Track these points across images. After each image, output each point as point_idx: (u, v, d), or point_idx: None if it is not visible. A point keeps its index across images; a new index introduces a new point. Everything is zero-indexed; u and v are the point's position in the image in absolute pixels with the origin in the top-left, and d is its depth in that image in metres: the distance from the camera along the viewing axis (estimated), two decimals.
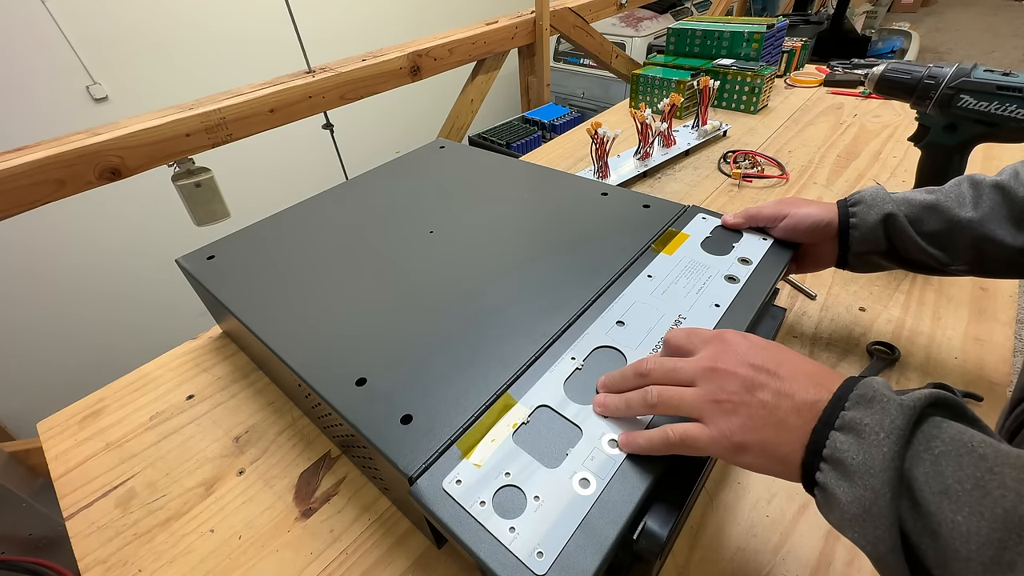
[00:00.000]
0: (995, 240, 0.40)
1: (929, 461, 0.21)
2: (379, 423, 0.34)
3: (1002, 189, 0.41)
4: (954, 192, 0.42)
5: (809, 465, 0.25)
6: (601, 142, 0.81)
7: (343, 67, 1.08)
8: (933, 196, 0.42)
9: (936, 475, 0.21)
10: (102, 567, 0.40)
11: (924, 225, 0.42)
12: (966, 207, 0.41)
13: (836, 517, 0.24)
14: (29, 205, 0.79)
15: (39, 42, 1.42)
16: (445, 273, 0.48)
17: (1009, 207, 0.40)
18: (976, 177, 0.43)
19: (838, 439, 0.24)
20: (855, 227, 0.43)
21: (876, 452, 0.22)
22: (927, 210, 0.42)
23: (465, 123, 1.42)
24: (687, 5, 2.64)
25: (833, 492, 0.23)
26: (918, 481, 0.21)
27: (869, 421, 0.23)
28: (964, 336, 0.53)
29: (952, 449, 0.21)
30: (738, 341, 0.31)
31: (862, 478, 0.22)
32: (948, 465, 0.21)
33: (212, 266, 0.52)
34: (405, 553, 0.39)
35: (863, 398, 0.24)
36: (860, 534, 0.22)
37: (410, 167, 0.69)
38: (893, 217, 0.42)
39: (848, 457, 0.23)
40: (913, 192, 0.44)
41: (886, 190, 0.44)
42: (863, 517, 0.22)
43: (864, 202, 0.43)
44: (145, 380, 0.57)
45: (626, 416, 0.33)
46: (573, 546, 0.27)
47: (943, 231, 0.41)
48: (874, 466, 0.22)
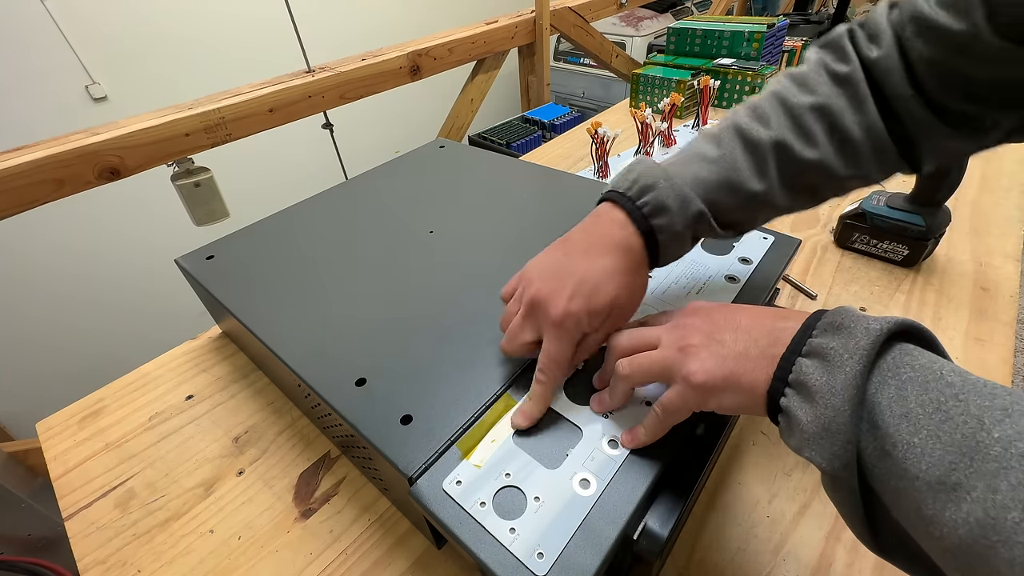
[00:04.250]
0: (776, 206, 0.36)
1: (895, 386, 0.21)
2: (379, 423, 0.34)
3: (782, 149, 0.34)
4: (736, 159, 0.35)
5: (775, 392, 0.25)
6: (601, 142, 0.81)
7: (343, 67, 1.08)
8: (718, 165, 0.35)
9: (900, 399, 0.21)
10: (101, 567, 0.40)
11: (720, 208, 0.35)
12: (752, 178, 0.34)
13: (796, 439, 0.23)
14: (28, 205, 0.79)
15: (38, 42, 1.42)
16: (445, 273, 0.48)
17: (787, 171, 0.34)
18: (746, 132, 0.35)
19: (804, 364, 0.24)
20: (666, 243, 0.34)
21: (839, 373, 0.22)
22: (720, 189, 0.35)
23: (465, 123, 1.42)
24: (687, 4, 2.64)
25: (795, 414, 0.23)
26: (881, 405, 0.21)
27: (835, 345, 0.23)
28: (965, 336, 0.53)
29: (920, 375, 0.21)
30: (700, 303, 0.32)
31: (823, 397, 0.22)
32: (913, 390, 0.21)
33: (211, 266, 0.52)
34: (405, 553, 0.39)
35: (831, 325, 0.24)
36: (817, 451, 0.22)
37: (410, 167, 0.69)
38: (700, 217, 0.34)
39: (812, 380, 0.23)
40: (692, 158, 0.36)
41: (665, 170, 0.35)
42: (821, 435, 0.22)
43: (665, 208, 0.33)
44: (144, 380, 0.57)
45: (620, 404, 0.33)
46: (573, 547, 0.27)
47: (738, 210, 0.35)
48: (835, 386, 0.22)
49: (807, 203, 0.37)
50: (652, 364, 0.30)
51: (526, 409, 0.33)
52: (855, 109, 0.32)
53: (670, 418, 0.29)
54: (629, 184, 0.35)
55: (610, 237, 0.34)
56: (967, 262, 0.63)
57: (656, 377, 0.30)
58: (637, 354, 0.31)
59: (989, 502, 0.17)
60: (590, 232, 0.35)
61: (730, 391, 0.26)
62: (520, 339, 0.34)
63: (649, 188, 0.34)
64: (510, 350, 0.36)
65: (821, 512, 0.39)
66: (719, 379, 0.27)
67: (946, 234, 0.64)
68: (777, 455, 0.44)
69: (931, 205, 0.59)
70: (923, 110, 0.30)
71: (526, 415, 0.33)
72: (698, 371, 0.27)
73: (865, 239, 0.64)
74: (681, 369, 0.28)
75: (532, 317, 0.34)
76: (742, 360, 0.26)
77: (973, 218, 0.70)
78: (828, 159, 0.33)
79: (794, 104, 0.34)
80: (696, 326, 0.30)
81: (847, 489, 0.22)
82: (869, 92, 0.32)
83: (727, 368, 0.27)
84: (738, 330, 0.28)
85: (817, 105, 0.33)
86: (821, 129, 0.33)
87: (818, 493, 0.41)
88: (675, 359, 0.29)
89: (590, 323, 0.33)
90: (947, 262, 0.63)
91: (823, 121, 0.33)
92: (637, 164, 0.36)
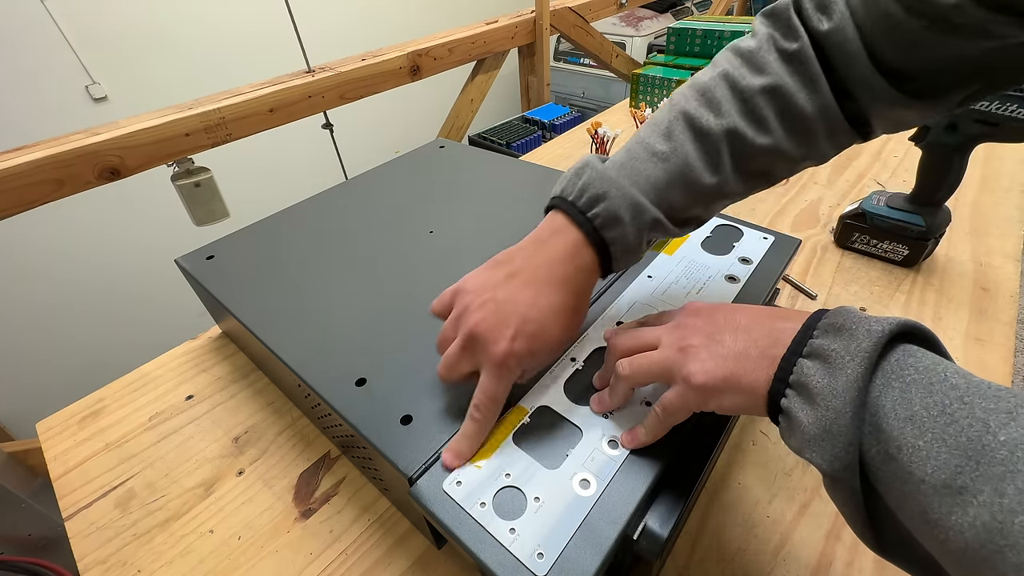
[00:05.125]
0: (730, 197, 0.35)
1: (899, 389, 0.21)
2: (379, 423, 0.34)
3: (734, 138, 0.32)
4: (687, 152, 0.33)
5: (775, 393, 0.25)
6: (601, 142, 0.81)
7: (343, 67, 1.08)
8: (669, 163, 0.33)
9: (904, 402, 0.21)
10: (101, 567, 0.40)
11: (673, 206, 0.33)
12: (704, 171, 0.33)
13: (797, 441, 0.23)
14: (28, 205, 0.79)
15: (39, 42, 1.42)
16: (445, 273, 0.48)
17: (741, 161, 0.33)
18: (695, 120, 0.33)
19: (805, 365, 0.24)
20: (620, 254, 0.33)
21: (840, 375, 0.22)
22: (672, 187, 0.33)
23: (465, 123, 1.42)
24: (687, 4, 2.64)
25: (796, 416, 0.23)
26: (885, 408, 0.21)
27: (837, 347, 0.23)
28: (965, 336, 0.53)
29: (923, 378, 0.21)
30: (700, 304, 0.32)
31: (825, 399, 0.22)
32: (917, 393, 0.20)
33: (211, 266, 0.52)
34: (405, 553, 0.39)
35: (832, 326, 0.24)
36: (818, 453, 0.22)
37: (410, 167, 0.69)
38: (656, 224, 0.33)
39: (813, 382, 0.23)
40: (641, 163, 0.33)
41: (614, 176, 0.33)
42: (823, 436, 0.22)
43: (618, 220, 0.32)
44: (144, 380, 0.57)
45: (619, 404, 0.33)
46: (573, 547, 0.27)
47: (692, 205, 0.34)
48: (837, 388, 0.22)
49: (760, 188, 0.36)
50: (652, 365, 0.30)
51: (458, 447, 0.31)
52: (808, 89, 0.31)
53: (670, 418, 0.29)
54: (578, 192, 0.33)
55: (559, 263, 0.32)
56: (967, 262, 0.63)
57: (656, 378, 0.30)
58: (637, 355, 0.31)
59: (996, 506, 0.17)
60: (537, 256, 0.33)
61: (730, 392, 0.26)
62: (458, 370, 0.33)
63: (600, 198, 0.32)
64: (447, 379, 0.34)
65: (821, 512, 0.39)
66: (719, 380, 0.26)
67: (946, 234, 0.64)
68: (777, 455, 0.44)
69: (931, 205, 0.59)
70: (879, 80, 0.29)
71: (458, 454, 0.31)
72: (698, 372, 0.27)
73: (865, 239, 0.64)
74: (681, 370, 0.28)
75: (471, 351, 0.32)
76: (742, 360, 0.26)
77: (973, 218, 0.70)
78: (781, 144, 0.32)
79: (744, 87, 0.32)
80: (696, 326, 0.30)
81: (848, 491, 0.22)
82: (820, 70, 0.30)
83: (727, 369, 0.26)
84: (738, 330, 0.28)
85: (768, 87, 0.32)
86: (773, 113, 0.32)
87: (818, 493, 0.41)
88: (675, 360, 0.29)
89: (530, 363, 0.32)
90: (947, 262, 0.63)
91: (775, 104, 0.32)
92: (585, 168, 0.34)
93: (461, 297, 0.34)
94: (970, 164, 0.57)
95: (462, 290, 0.34)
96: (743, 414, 0.27)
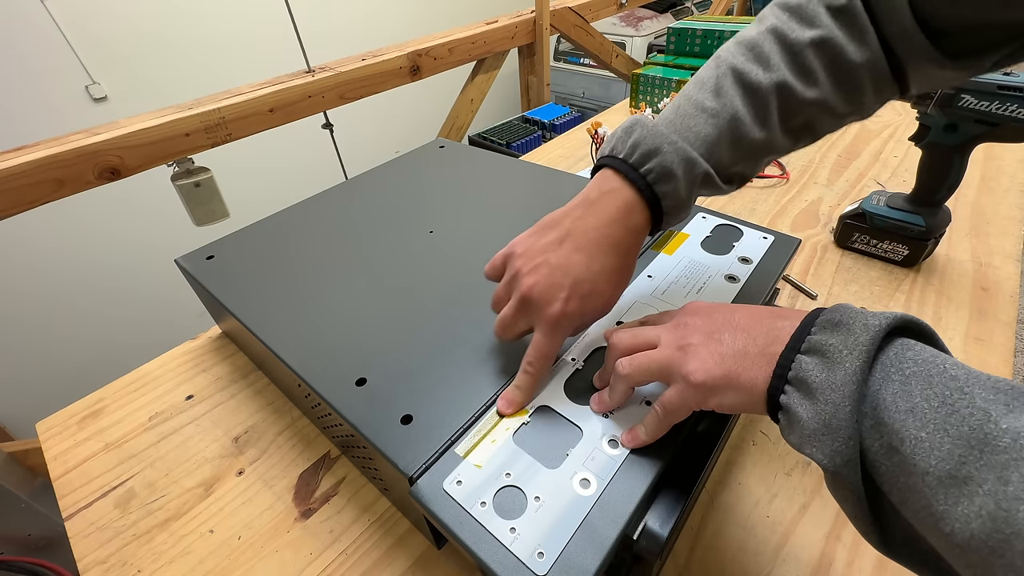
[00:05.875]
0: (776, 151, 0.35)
1: (899, 382, 0.21)
2: (379, 423, 0.34)
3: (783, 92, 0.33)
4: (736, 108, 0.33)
5: (774, 390, 0.25)
6: (601, 142, 0.81)
7: (343, 67, 1.08)
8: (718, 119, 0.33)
9: (904, 394, 0.21)
10: (101, 567, 0.40)
11: (722, 161, 0.34)
12: (753, 127, 0.33)
13: (797, 437, 0.23)
14: (28, 205, 0.79)
15: (38, 42, 1.42)
16: (445, 273, 0.48)
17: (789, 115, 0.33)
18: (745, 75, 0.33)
19: (803, 361, 0.24)
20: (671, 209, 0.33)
21: (839, 369, 0.22)
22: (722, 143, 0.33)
23: (465, 123, 1.42)
24: (687, 4, 2.64)
25: (795, 412, 0.23)
26: (886, 401, 0.21)
27: (834, 342, 0.23)
28: (965, 336, 0.53)
29: (923, 370, 0.21)
30: (699, 303, 0.32)
31: (824, 394, 0.22)
32: (917, 385, 0.20)
33: (211, 266, 0.52)
34: (405, 553, 0.39)
35: (830, 322, 0.24)
36: (818, 448, 0.22)
37: (410, 167, 0.69)
38: (706, 178, 0.33)
39: (812, 377, 0.23)
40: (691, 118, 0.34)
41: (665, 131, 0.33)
42: (822, 431, 0.22)
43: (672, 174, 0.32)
44: (144, 380, 0.57)
45: (619, 403, 0.33)
46: (574, 546, 0.27)
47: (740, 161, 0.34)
48: (836, 382, 0.22)
49: (805, 143, 0.36)
50: (652, 363, 0.30)
51: (512, 396, 0.34)
52: (857, 42, 0.31)
53: (670, 417, 0.29)
54: (630, 149, 0.33)
55: (610, 226, 0.33)
56: (967, 262, 0.63)
57: (656, 376, 0.30)
58: (637, 353, 0.31)
59: (1000, 494, 0.17)
60: (587, 218, 0.34)
61: (730, 390, 0.26)
62: (514, 330, 0.35)
63: (653, 153, 0.32)
64: (502, 336, 0.36)
65: (821, 512, 0.39)
66: (718, 378, 0.27)
67: (946, 234, 0.64)
68: (777, 455, 0.44)
69: (931, 205, 0.59)
70: (919, 35, 0.29)
71: (511, 402, 0.34)
72: (697, 370, 0.27)
73: (865, 239, 0.64)
74: (681, 368, 0.28)
75: (525, 311, 0.34)
76: (741, 358, 0.26)
77: (973, 218, 0.70)
78: (829, 97, 0.32)
79: (794, 41, 0.32)
80: (695, 325, 0.30)
81: (850, 487, 0.21)
82: (869, 23, 0.30)
83: (726, 367, 0.27)
84: (737, 329, 0.28)
85: (818, 39, 0.31)
86: (822, 66, 0.32)
87: (818, 493, 0.41)
88: (675, 358, 0.29)
89: (583, 321, 0.34)
90: (947, 262, 0.63)
91: (823, 57, 0.32)
92: (635, 125, 0.34)
93: (513, 261, 0.35)
94: (970, 164, 0.57)
95: (513, 254, 0.35)
96: (743, 412, 0.27)
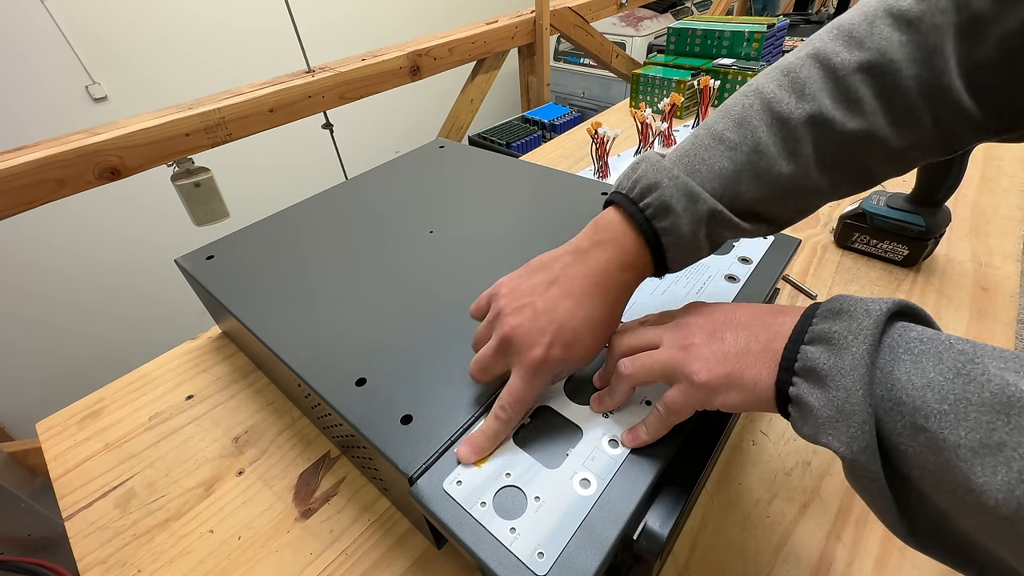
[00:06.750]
0: (812, 190, 0.31)
1: (909, 360, 0.21)
2: (379, 423, 0.34)
3: (819, 125, 0.29)
4: (760, 141, 0.30)
5: (783, 383, 0.24)
6: (601, 142, 0.81)
7: (343, 67, 1.08)
8: (738, 152, 0.31)
9: (918, 371, 0.20)
10: (101, 567, 0.40)
11: (742, 199, 0.31)
12: (780, 159, 0.30)
13: (811, 427, 0.23)
14: (28, 205, 0.79)
15: (38, 42, 1.42)
16: (445, 273, 0.48)
17: (826, 148, 0.30)
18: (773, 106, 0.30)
19: (808, 351, 0.24)
20: (672, 246, 0.31)
21: (846, 354, 0.22)
22: (741, 177, 0.31)
23: (465, 123, 1.42)
24: (687, 4, 2.64)
25: (807, 401, 0.23)
26: (900, 380, 0.21)
27: (838, 329, 0.23)
28: (965, 336, 0.53)
29: (930, 347, 0.21)
30: (700, 303, 0.32)
31: (834, 379, 0.22)
32: (928, 361, 0.20)
33: (211, 266, 0.52)
34: (405, 553, 0.39)
35: (831, 311, 0.24)
36: (834, 436, 0.22)
37: (410, 167, 0.69)
38: (714, 216, 0.30)
39: (819, 364, 0.23)
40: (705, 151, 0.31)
41: (671, 166, 0.31)
42: (836, 418, 0.21)
43: (670, 209, 0.30)
44: (144, 380, 0.57)
45: (620, 403, 0.33)
46: (574, 546, 0.27)
47: (764, 198, 0.31)
48: (844, 367, 0.22)
49: (855, 184, 0.31)
50: (654, 363, 0.30)
51: (477, 443, 0.31)
52: (921, 61, 0.27)
53: (673, 417, 0.29)
54: (631, 184, 0.32)
55: (600, 275, 0.31)
56: (967, 262, 0.63)
57: (658, 377, 0.30)
58: (639, 354, 0.31)
59: None
60: (577, 266, 0.32)
61: (734, 388, 0.26)
62: (491, 371, 0.34)
63: (652, 188, 0.30)
64: (478, 379, 0.34)
65: (821, 512, 0.39)
66: (721, 377, 0.27)
67: (946, 234, 0.64)
68: (777, 455, 0.44)
69: (931, 205, 0.59)
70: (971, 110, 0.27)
71: (476, 449, 0.31)
72: (700, 369, 0.27)
73: (865, 239, 0.64)
74: (684, 368, 0.28)
75: (504, 353, 0.32)
76: (743, 357, 0.26)
77: (973, 218, 0.70)
78: (877, 127, 0.28)
79: (838, 64, 0.28)
80: (697, 325, 0.30)
81: (870, 476, 0.21)
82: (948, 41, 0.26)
83: (729, 365, 0.27)
84: (738, 327, 0.28)
85: (868, 63, 0.28)
86: (870, 92, 0.28)
87: (818, 493, 0.41)
88: (677, 358, 0.29)
89: (562, 369, 0.32)
90: (947, 262, 0.63)
91: (873, 81, 0.28)
92: (641, 162, 0.32)
93: (497, 300, 0.34)
94: (970, 164, 0.57)
95: (498, 294, 0.34)
96: (747, 411, 0.27)
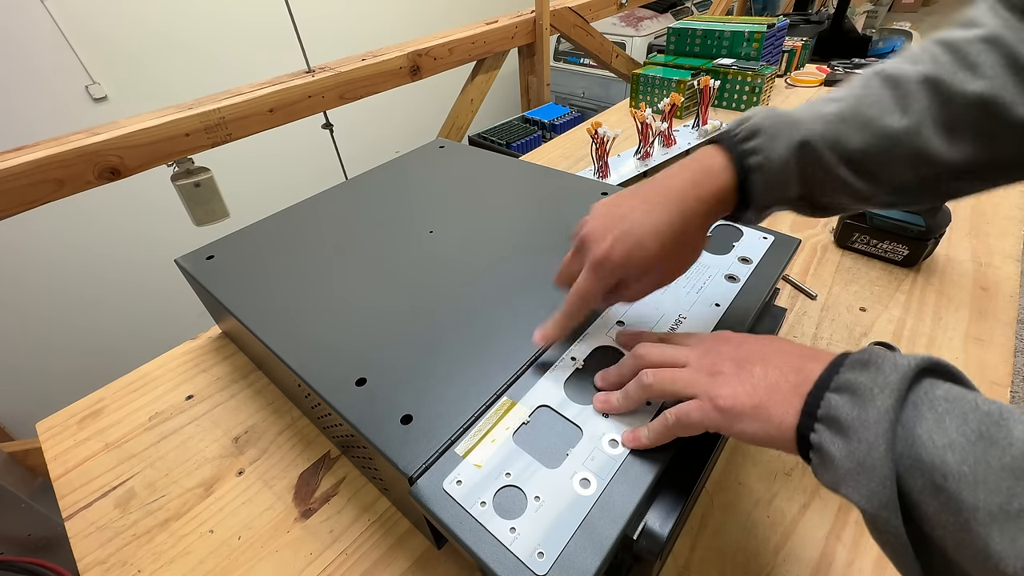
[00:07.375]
0: (930, 154, 0.29)
1: (932, 419, 0.21)
2: (379, 423, 0.34)
3: (935, 84, 0.28)
4: (869, 93, 0.30)
5: (804, 428, 0.24)
6: (601, 142, 0.81)
7: (343, 67, 1.08)
8: (845, 101, 0.31)
9: (940, 430, 0.20)
10: (101, 567, 0.40)
11: (846, 146, 0.30)
12: (892, 112, 0.29)
13: (831, 476, 0.23)
14: (28, 205, 0.79)
15: (38, 42, 1.42)
16: (445, 273, 0.48)
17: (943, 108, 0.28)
18: (887, 70, 0.30)
19: (833, 399, 0.24)
20: (758, 168, 0.31)
21: (871, 407, 0.22)
22: (846, 123, 0.30)
23: (465, 123, 1.42)
24: (687, 4, 2.64)
25: (828, 450, 0.23)
26: (922, 438, 0.20)
27: (864, 380, 0.23)
28: (965, 336, 0.53)
29: (955, 407, 0.21)
30: (730, 333, 0.33)
31: (856, 432, 0.22)
32: (952, 421, 0.20)
33: (211, 266, 0.52)
34: (405, 553, 0.39)
35: (859, 362, 0.24)
36: (854, 488, 0.21)
37: (410, 167, 0.69)
38: (808, 146, 0.30)
39: (843, 414, 0.23)
40: (815, 103, 0.32)
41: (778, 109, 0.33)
42: (857, 471, 0.21)
43: (763, 131, 0.30)
44: (144, 380, 0.57)
45: (627, 409, 0.33)
46: (574, 546, 0.27)
47: (872, 150, 0.30)
48: (868, 420, 0.22)
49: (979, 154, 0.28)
50: (677, 382, 0.30)
51: (545, 330, 0.36)
52: None
53: (680, 430, 0.29)
54: (734, 124, 0.34)
55: (679, 187, 0.33)
56: (967, 262, 0.63)
57: (677, 395, 0.30)
58: (664, 368, 0.31)
59: None
60: (662, 180, 0.34)
61: (757, 420, 0.26)
62: (567, 270, 0.36)
63: (747, 119, 0.33)
64: (558, 283, 0.38)
65: (821, 512, 0.39)
66: (747, 407, 0.26)
67: (946, 234, 0.64)
68: (777, 455, 0.44)
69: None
70: None
71: (543, 335, 0.36)
72: (728, 396, 0.27)
73: (865, 239, 0.64)
74: (709, 391, 0.28)
75: (580, 252, 0.34)
76: (772, 392, 0.26)
77: (973, 218, 0.70)
78: (1000, 92, 0.26)
79: (956, 38, 0.28)
80: (727, 354, 0.30)
81: (892, 532, 0.21)
82: None
83: (758, 398, 0.26)
84: (768, 363, 0.28)
85: (988, 36, 0.27)
86: (992, 60, 0.27)
87: (818, 493, 0.41)
88: (703, 382, 0.29)
89: (626, 272, 0.32)
90: (947, 262, 0.63)
91: (995, 51, 0.27)
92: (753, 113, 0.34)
93: (589, 213, 0.36)
94: None
95: (593, 206, 0.36)
96: (764, 445, 0.27)
